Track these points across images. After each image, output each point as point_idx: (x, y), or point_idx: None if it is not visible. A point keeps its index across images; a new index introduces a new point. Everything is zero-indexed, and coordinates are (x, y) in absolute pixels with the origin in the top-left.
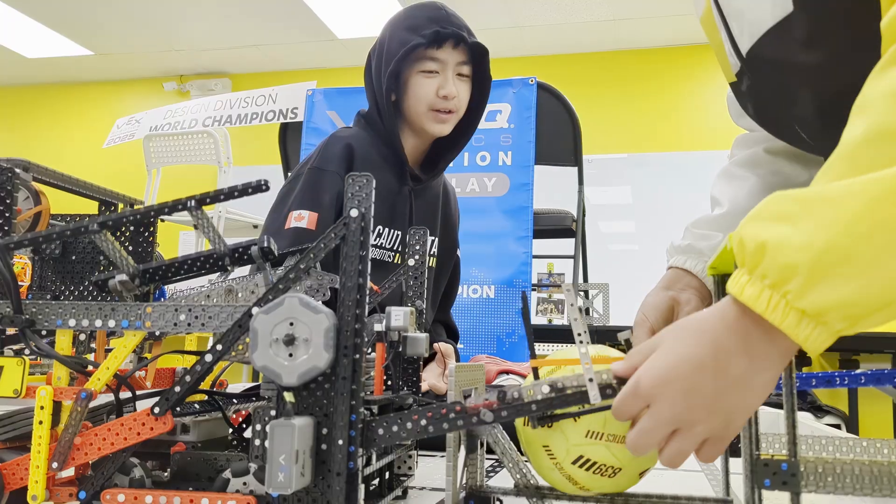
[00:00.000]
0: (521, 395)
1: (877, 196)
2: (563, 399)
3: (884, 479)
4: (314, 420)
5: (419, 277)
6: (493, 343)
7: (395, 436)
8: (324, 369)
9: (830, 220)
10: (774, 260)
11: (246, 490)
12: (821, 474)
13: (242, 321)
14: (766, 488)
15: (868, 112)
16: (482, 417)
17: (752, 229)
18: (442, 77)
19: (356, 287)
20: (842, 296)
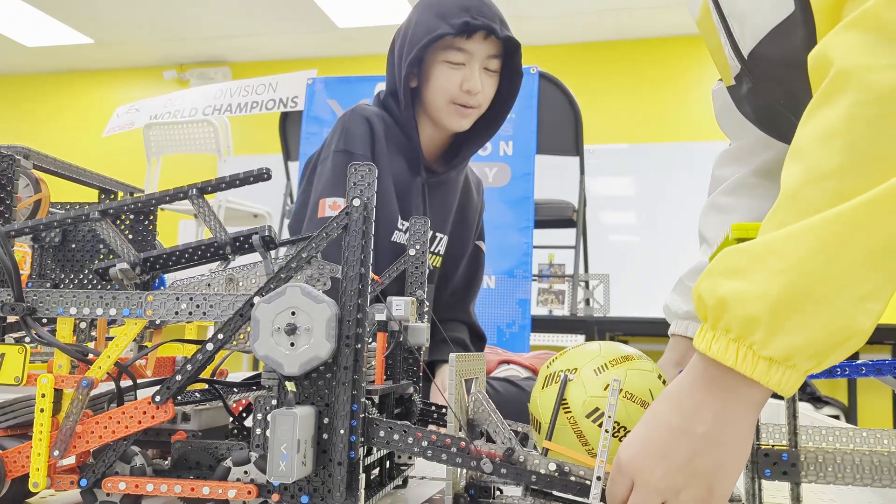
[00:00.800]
0: (525, 462)
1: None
2: (562, 483)
3: (884, 469)
4: (315, 409)
5: (420, 267)
6: (493, 333)
7: (393, 443)
8: (325, 359)
9: (779, 269)
10: (735, 314)
11: (247, 479)
12: (821, 464)
13: (244, 310)
14: (766, 478)
15: (803, 156)
16: (482, 466)
17: (708, 285)
18: (468, 70)
19: (358, 276)
20: (804, 338)
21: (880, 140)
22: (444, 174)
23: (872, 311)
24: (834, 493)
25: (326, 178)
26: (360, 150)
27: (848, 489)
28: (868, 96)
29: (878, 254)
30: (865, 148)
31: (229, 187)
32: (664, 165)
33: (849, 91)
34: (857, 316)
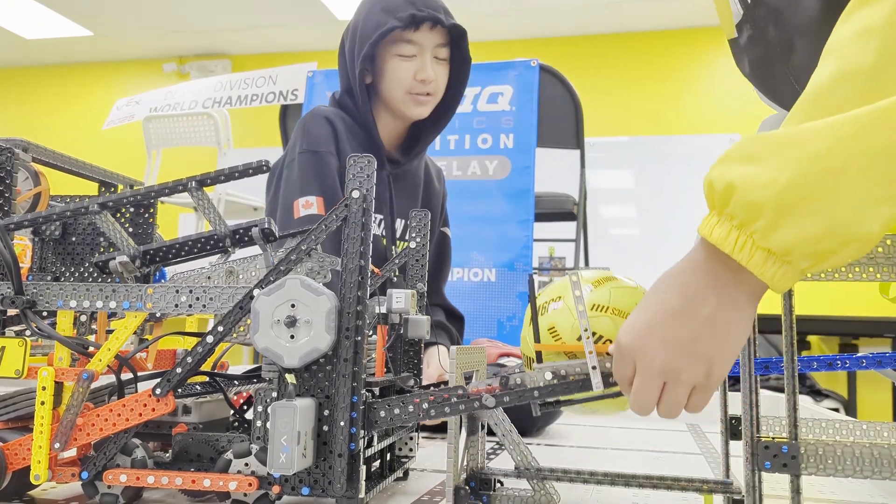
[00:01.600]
0: (523, 382)
1: (843, 135)
2: (565, 386)
3: (884, 462)
4: (315, 401)
5: (420, 260)
6: (493, 327)
7: (396, 418)
8: (325, 351)
9: (795, 158)
10: (741, 199)
11: (248, 471)
12: (821, 456)
13: (244, 303)
14: (766, 470)
15: (836, 54)
16: (484, 402)
17: (720, 170)
18: (419, 60)
19: (357, 269)
20: (806, 233)
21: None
22: (406, 164)
23: (883, 216)
24: (833, 485)
25: (294, 180)
26: (325, 148)
27: (847, 481)
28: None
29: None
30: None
31: (228, 179)
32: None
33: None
34: (866, 218)
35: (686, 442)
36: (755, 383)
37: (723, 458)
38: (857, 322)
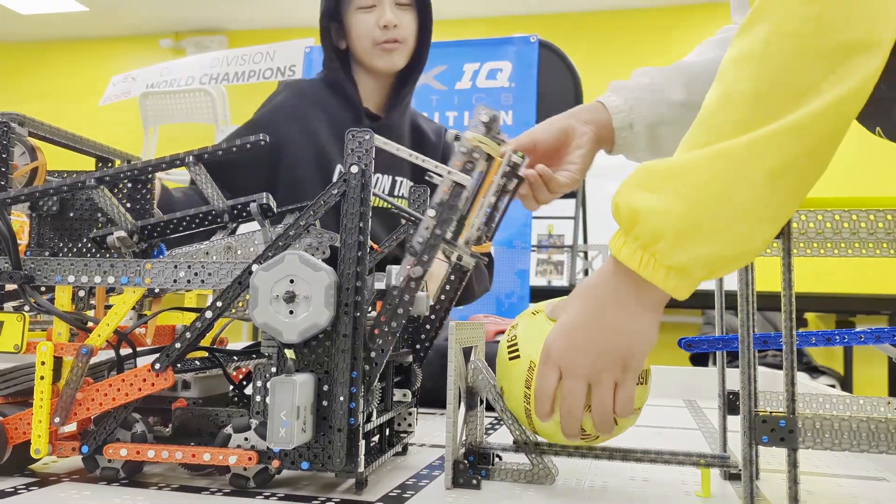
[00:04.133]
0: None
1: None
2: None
3: (881, 436)
4: (315, 377)
5: None
6: (492, 303)
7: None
8: (324, 326)
9: (683, 189)
10: (644, 225)
11: (247, 445)
12: (818, 430)
13: (242, 278)
14: (763, 444)
15: (721, 78)
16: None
17: (624, 196)
18: (379, 9)
19: (356, 244)
20: (700, 254)
21: (787, 73)
22: (385, 119)
23: (767, 233)
24: (828, 459)
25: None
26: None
27: (843, 455)
28: (782, 29)
29: (774, 181)
30: (773, 78)
31: (226, 154)
32: None
33: (766, 21)
34: (753, 237)
35: (683, 417)
36: (753, 358)
37: (720, 432)
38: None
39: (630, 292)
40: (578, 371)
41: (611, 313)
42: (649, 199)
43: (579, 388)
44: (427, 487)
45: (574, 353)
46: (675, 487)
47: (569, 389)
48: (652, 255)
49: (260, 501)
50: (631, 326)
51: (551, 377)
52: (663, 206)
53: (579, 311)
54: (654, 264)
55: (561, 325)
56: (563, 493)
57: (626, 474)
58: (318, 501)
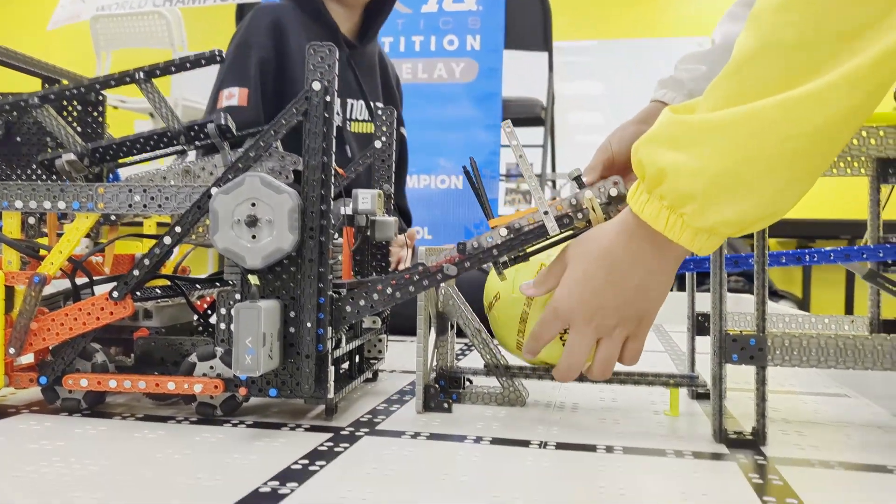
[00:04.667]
0: (480, 244)
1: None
2: (521, 238)
3: (848, 352)
4: (281, 303)
5: (387, 160)
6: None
7: (363, 309)
8: (289, 251)
9: (720, 148)
10: (672, 186)
11: (213, 374)
12: (787, 348)
13: (201, 202)
14: (733, 363)
15: (759, 24)
16: (446, 272)
17: (649, 153)
18: None
19: (321, 166)
20: (731, 214)
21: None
22: (362, 48)
23: (799, 192)
24: (792, 377)
25: (224, 70)
26: (258, 39)
27: (805, 373)
28: None
29: (817, 138)
30: (821, 24)
31: (179, 70)
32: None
33: None
34: (786, 197)
35: (650, 341)
36: (724, 279)
37: (688, 353)
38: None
39: (652, 251)
40: (590, 327)
41: (630, 271)
42: (678, 158)
43: (587, 343)
44: (398, 412)
45: (587, 310)
46: (643, 407)
47: (576, 344)
48: (679, 217)
49: (228, 429)
50: (651, 283)
51: (554, 328)
52: (694, 166)
53: (593, 267)
54: (682, 226)
55: (572, 281)
56: (534, 415)
57: (595, 395)
58: (288, 428)
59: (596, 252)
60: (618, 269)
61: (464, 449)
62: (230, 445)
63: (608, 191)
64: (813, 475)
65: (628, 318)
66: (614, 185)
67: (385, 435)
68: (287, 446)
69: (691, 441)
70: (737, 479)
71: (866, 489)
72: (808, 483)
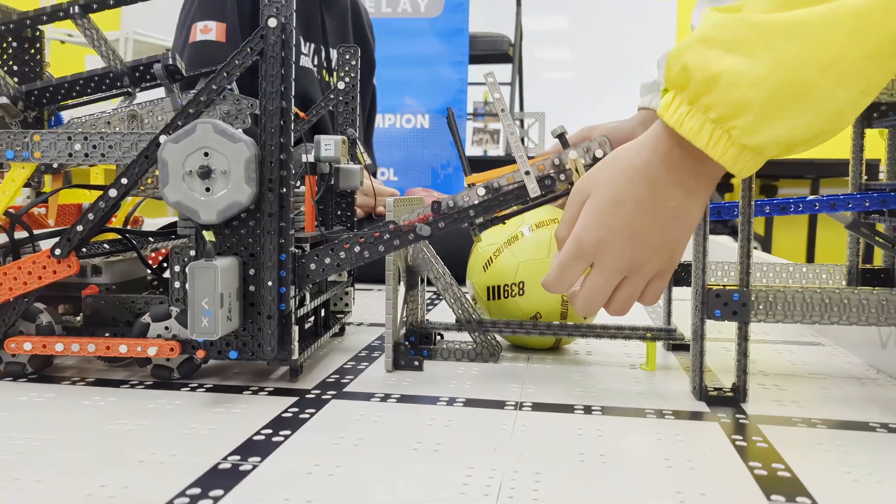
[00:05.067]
0: (456, 203)
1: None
2: (500, 199)
3: (833, 307)
4: (239, 260)
5: (350, 102)
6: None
7: (328, 268)
8: (246, 205)
9: (792, 53)
10: (726, 95)
11: (169, 335)
12: (771, 303)
13: (149, 151)
14: (715, 319)
15: None
16: (419, 232)
17: (699, 56)
18: None
19: (279, 111)
20: (784, 132)
21: None
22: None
23: (864, 105)
24: (765, 325)
25: (196, 4)
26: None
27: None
28: None
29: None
30: None
31: (120, 4)
32: None
33: None
34: (849, 111)
35: None
36: (706, 229)
37: (664, 305)
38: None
39: (687, 172)
40: (620, 264)
41: (670, 192)
42: (737, 63)
43: (613, 282)
44: (367, 371)
45: (619, 244)
46: (619, 360)
47: (599, 282)
48: (726, 133)
49: (185, 395)
50: (685, 211)
51: (577, 268)
52: (758, 72)
53: (626, 190)
54: (728, 142)
55: (598, 208)
56: (508, 371)
57: (570, 349)
58: (250, 391)
59: (628, 171)
60: (657, 190)
61: (437, 412)
62: (188, 413)
63: (594, 151)
64: (796, 435)
65: (661, 252)
66: (600, 145)
67: (353, 398)
68: (249, 414)
69: (670, 399)
70: (720, 441)
71: (851, 449)
72: (792, 444)
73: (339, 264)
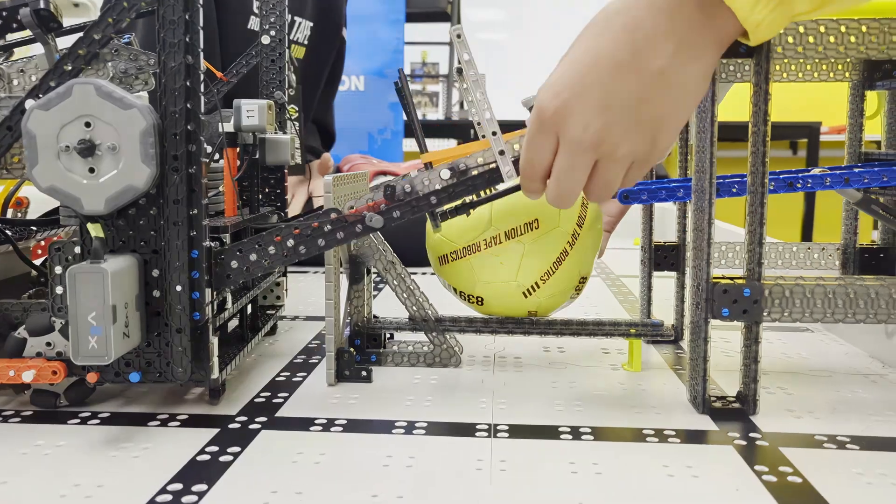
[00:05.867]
0: (414, 188)
1: None
2: (468, 185)
3: (860, 302)
4: (138, 260)
5: (277, 60)
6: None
7: (255, 266)
8: (144, 189)
9: None
10: None
11: (52, 352)
12: (787, 299)
13: (12, 121)
14: (723, 319)
15: None
16: (369, 223)
17: None
18: None
19: (182, 69)
20: None
21: None
22: None
23: None
24: None
25: None
26: None
27: None
28: None
29: None
30: None
31: None
32: None
33: None
34: None
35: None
36: (711, 211)
37: (643, 294)
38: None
39: (684, 22)
40: (586, 140)
41: (648, 54)
42: None
43: (582, 166)
44: (304, 385)
45: (584, 114)
46: (597, 359)
47: (566, 167)
48: None
49: (73, 430)
50: (676, 76)
51: (541, 143)
52: None
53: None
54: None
55: (563, 71)
56: (473, 379)
57: (538, 344)
58: (157, 422)
59: (607, 22)
60: (633, 42)
61: (394, 445)
62: (71, 462)
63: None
64: (828, 461)
65: (641, 129)
66: None
67: (289, 426)
68: (153, 458)
69: (667, 411)
70: (743, 475)
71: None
72: (826, 473)
73: (268, 261)
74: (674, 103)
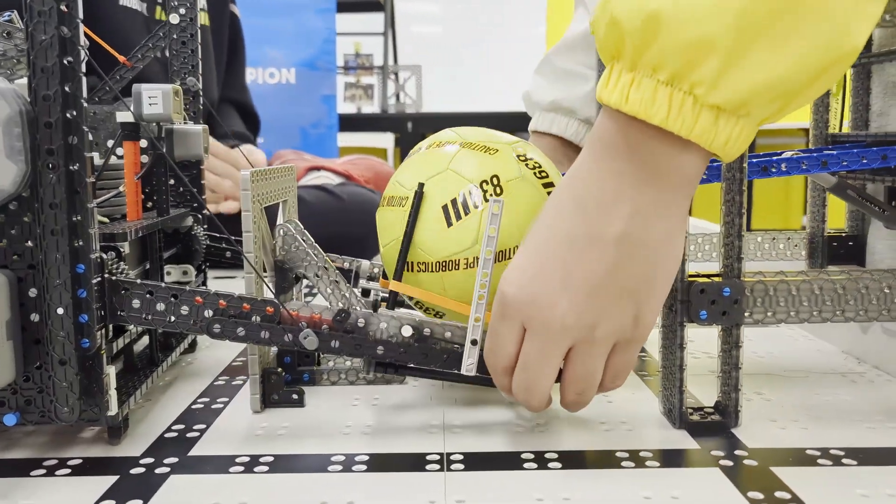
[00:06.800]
0: (367, 326)
1: None
2: (422, 351)
3: (849, 300)
4: (10, 277)
5: (189, 42)
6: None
7: (157, 318)
8: (12, 191)
9: None
10: (675, 39)
11: None
12: (771, 298)
13: None
14: (701, 322)
15: None
16: (301, 341)
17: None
18: None
19: (57, 42)
20: (775, 70)
21: None
22: None
23: (873, 17)
24: None
25: None
26: None
27: None
28: None
29: None
30: None
31: None
32: None
33: None
34: (855, 26)
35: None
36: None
37: None
38: None
39: (637, 176)
40: (553, 328)
41: (603, 221)
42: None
43: (555, 353)
44: (225, 413)
45: (545, 300)
46: None
47: (535, 357)
48: (688, 93)
49: None
50: (646, 234)
51: (505, 332)
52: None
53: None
54: (694, 106)
55: (522, 254)
56: (419, 397)
57: None
58: (43, 470)
59: (557, 199)
60: (584, 213)
61: (331, 488)
62: None
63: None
64: (826, 481)
65: (619, 305)
66: None
67: (204, 468)
68: None
69: (639, 426)
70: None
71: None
72: (832, 500)
73: (174, 320)
74: (647, 269)
